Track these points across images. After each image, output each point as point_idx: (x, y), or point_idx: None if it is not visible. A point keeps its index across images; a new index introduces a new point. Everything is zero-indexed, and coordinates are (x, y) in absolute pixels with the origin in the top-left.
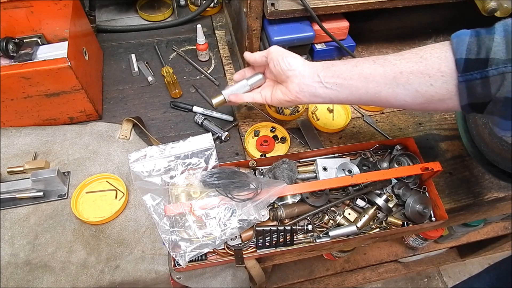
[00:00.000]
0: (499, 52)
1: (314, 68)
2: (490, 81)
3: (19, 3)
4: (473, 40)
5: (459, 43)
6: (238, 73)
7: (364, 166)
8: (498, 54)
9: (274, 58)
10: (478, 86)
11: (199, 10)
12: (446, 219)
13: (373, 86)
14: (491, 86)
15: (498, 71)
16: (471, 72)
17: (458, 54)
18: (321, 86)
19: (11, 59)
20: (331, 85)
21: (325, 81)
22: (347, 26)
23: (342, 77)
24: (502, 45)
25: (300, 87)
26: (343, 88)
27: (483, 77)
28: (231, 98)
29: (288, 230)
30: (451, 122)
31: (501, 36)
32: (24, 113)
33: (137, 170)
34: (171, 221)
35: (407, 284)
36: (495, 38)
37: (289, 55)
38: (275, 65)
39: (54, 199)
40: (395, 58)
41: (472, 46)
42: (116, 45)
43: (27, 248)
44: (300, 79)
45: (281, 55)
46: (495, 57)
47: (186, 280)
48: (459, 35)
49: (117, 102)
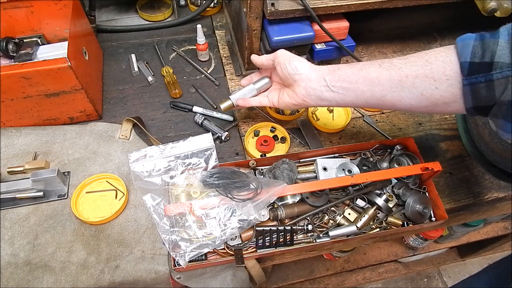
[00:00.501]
0: (503, 55)
1: (321, 72)
2: (494, 85)
3: (19, 3)
4: (478, 43)
5: (464, 47)
6: (245, 79)
7: (364, 166)
8: (502, 58)
9: (281, 62)
10: (483, 90)
11: (199, 10)
12: (446, 219)
13: (379, 90)
14: (496, 90)
15: (503, 74)
16: (476, 76)
17: (463, 57)
18: (328, 90)
19: (11, 59)
20: (337, 89)
21: (331, 84)
22: (347, 26)
23: (348, 80)
24: (506, 49)
25: (307, 91)
26: (349, 91)
27: (487, 81)
28: (238, 102)
29: (288, 230)
30: (451, 122)
31: (505, 40)
32: (24, 113)
33: (137, 170)
34: (171, 221)
35: (407, 284)
36: (499, 42)
37: (296, 59)
38: (282, 69)
39: (54, 199)
40: (401, 62)
41: (476, 50)
42: (116, 45)
43: (27, 248)
44: (307, 83)
45: (288, 59)
46: (500, 60)
47: (186, 280)
48: (464, 38)
49: (117, 102)
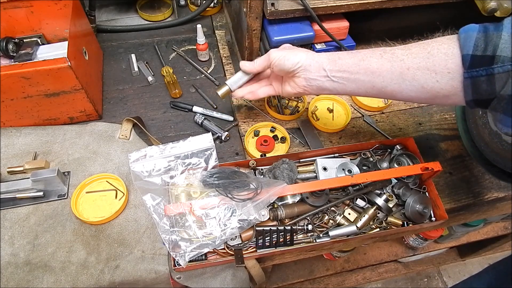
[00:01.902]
0: (506, 49)
1: (320, 61)
2: (495, 79)
3: (19, 3)
4: (481, 36)
5: (467, 39)
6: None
7: (364, 166)
8: (504, 52)
9: (277, 64)
10: (483, 83)
11: (199, 10)
12: (446, 219)
13: (380, 81)
14: (496, 84)
15: (504, 68)
16: (477, 69)
17: (465, 50)
18: (328, 80)
19: (11, 59)
20: (338, 79)
21: (331, 75)
22: (347, 26)
23: (349, 71)
24: (509, 43)
25: (307, 82)
26: (350, 81)
27: (488, 74)
28: (248, 96)
29: (288, 230)
30: (451, 122)
31: (509, 33)
32: (24, 113)
33: (137, 170)
34: (171, 221)
35: (407, 284)
36: (502, 35)
37: (290, 54)
38: (280, 70)
39: (54, 199)
40: (403, 53)
41: (479, 43)
42: (116, 45)
43: (27, 248)
44: (306, 74)
45: (282, 57)
46: (502, 54)
47: (186, 280)
48: (467, 30)
49: (117, 102)
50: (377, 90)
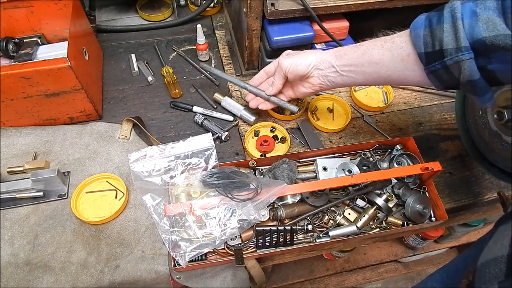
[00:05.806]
0: (450, 41)
1: (328, 59)
2: (450, 69)
3: (19, 3)
4: (427, 32)
5: (416, 38)
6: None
7: (364, 166)
8: (450, 44)
9: (291, 71)
10: (443, 74)
11: (199, 10)
12: (446, 219)
13: (384, 70)
14: (454, 73)
15: (453, 60)
16: (433, 64)
17: (418, 49)
18: (338, 75)
19: (11, 59)
20: (347, 73)
21: (340, 70)
22: (347, 26)
23: (355, 64)
24: (451, 34)
25: (321, 79)
26: (358, 74)
27: (444, 67)
28: (262, 107)
29: (288, 230)
30: (451, 122)
31: (449, 23)
32: (24, 113)
33: (137, 170)
34: (171, 221)
35: (407, 284)
36: (444, 27)
37: (301, 59)
38: (295, 75)
39: (54, 199)
40: (401, 40)
41: (427, 39)
42: (116, 45)
43: (27, 248)
44: (319, 72)
45: (294, 64)
46: (448, 47)
47: (186, 280)
48: (415, 28)
49: (117, 102)
50: (384, 79)
